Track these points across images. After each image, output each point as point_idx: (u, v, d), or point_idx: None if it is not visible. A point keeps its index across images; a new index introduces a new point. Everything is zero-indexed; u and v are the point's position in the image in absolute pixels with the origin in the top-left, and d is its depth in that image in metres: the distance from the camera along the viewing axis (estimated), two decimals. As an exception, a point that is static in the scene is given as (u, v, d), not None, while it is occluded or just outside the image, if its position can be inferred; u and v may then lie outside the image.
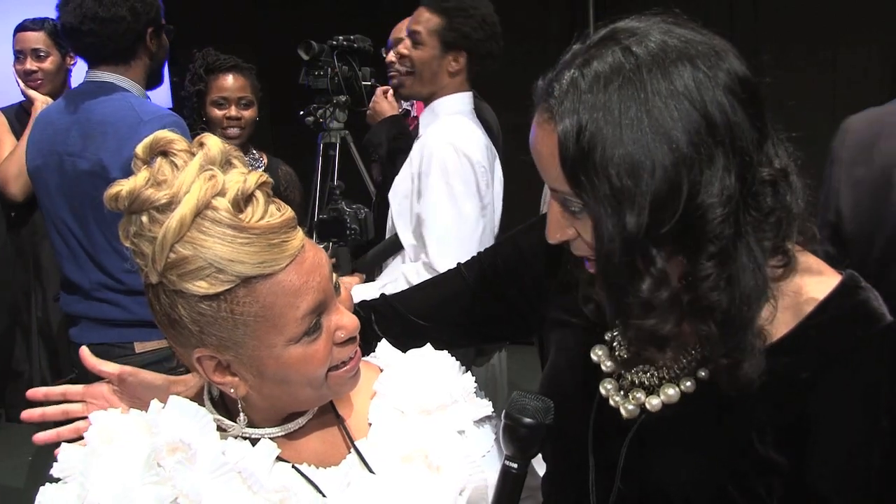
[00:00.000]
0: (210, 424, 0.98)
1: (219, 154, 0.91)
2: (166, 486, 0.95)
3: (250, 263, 0.88)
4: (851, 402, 0.97)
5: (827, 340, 0.97)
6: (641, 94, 0.88)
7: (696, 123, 0.88)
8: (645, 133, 0.87)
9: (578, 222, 0.96)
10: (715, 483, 1.00)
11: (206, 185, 0.88)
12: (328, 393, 1.00)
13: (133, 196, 0.89)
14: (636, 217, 0.88)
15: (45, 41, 3.08)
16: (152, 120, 2.18)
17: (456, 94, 2.43)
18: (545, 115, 0.94)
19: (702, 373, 1.01)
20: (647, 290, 0.91)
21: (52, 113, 2.38)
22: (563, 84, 0.92)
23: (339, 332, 0.96)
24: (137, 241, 0.90)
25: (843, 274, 1.00)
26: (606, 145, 0.88)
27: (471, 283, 1.25)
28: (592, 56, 0.92)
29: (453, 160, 2.26)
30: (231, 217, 0.88)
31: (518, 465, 1.01)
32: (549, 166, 0.94)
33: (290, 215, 0.92)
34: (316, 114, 3.32)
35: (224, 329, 0.91)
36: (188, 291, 0.89)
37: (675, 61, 0.89)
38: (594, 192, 0.89)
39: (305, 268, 0.92)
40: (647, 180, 0.87)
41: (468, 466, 1.03)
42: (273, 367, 0.94)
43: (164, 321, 0.94)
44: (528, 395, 1.04)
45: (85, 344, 2.29)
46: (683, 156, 0.88)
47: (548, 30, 5.56)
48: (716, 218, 0.89)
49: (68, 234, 2.31)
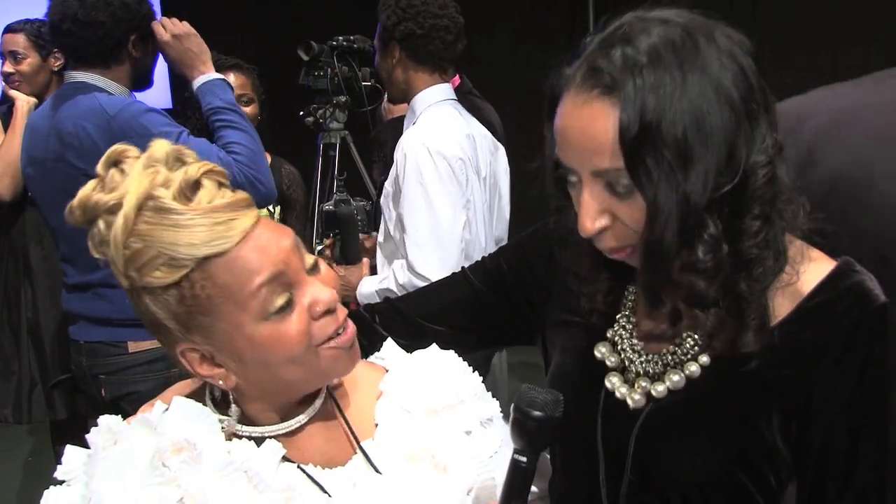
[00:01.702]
0: (215, 424, 0.98)
1: (164, 154, 0.92)
2: (171, 487, 0.94)
3: (198, 244, 0.88)
4: (850, 382, 0.97)
5: (824, 321, 0.98)
6: (698, 58, 0.90)
7: (743, 84, 0.91)
8: (709, 97, 0.89)
9: (620, 205, 0.95)
10: (724, 470, 1.01)
11: (146, 179, 0.89)
12: (322, 373, 0.99)
13: (83, 204, 0.91)
14: (702, 181, 0.90)
15: (23, 43, 3.08)
16: (118, 112, 2.13)
17: (429, 88, 2.43)
18: (594, 94, 0.92)
19: (704, 358, 1.02)
20: (703, 255, 0.93)
21: (36, 119, 2.37)
22: (613, 60, 0.91)
23: (315, 307, 0.95)
24: (103, 249, 0.91)
25: (837, 259, 1.02)
26: (673, 114, 0.88)
27: (476, 287, 1.26)
28: (633, 33, 0.92)
29: (425, 160, 2.26)
30: (175, 204, 0.89)
31: (527, 458, 1.01)
32: (599, 146, 0.92)
33: (241, 196, 0.93)
34: (316, 114, 3.32)
35: (192, 317, 0.92)
36: (150, 285, 0.90)
37: (709, 25, 0.93)
38: (657, 164, 0.89)
39: (261, 244, 0.92)
40: (713, 143, 0.89)
41: (475, 466, 1.03)
42: (249, 350, 0.93)
43: (148, 322, 0.95)
44: (536, 388, 1.04)
45: (82, 342, 2.33)
46: (739, 115, 0.91)
47: (548, 30, 5.56)
48: (761, 178, 0.92)
49: (67, 235, 2.31)
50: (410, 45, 2.40)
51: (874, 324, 0.98)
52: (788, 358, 0.99)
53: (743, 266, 0.95)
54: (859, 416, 0.98)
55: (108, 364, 2.31)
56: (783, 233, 0.98)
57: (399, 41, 2.40)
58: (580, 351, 1.12)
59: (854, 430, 0.99)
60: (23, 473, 3.93)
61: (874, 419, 0.99)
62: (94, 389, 2.36)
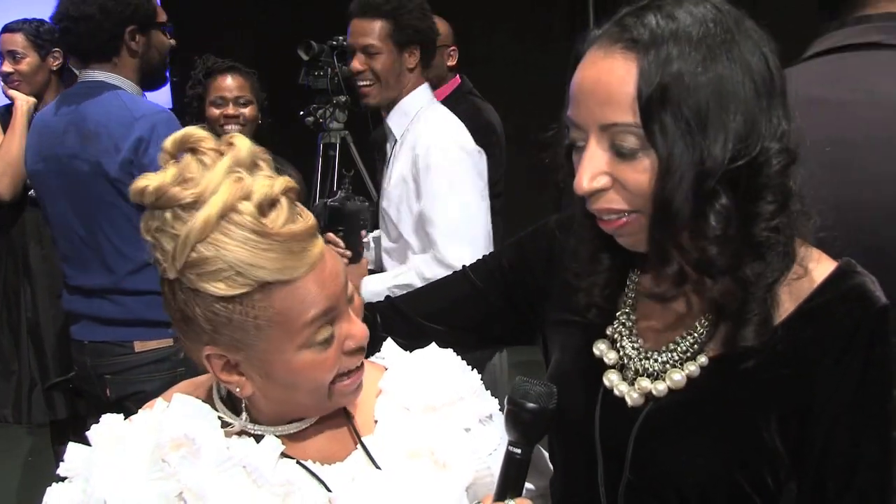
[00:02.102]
0: (215, 421, 0.98)
1: (247, 156, 0.91)
2: (171, 481, 0.95)
3: (270, 269, 0.88)
4: (851, 383, 0.97)
5: (825, 322, 0.98)
6: (728, 36, 0.92)
7: (766, 71, 0.93)
8: (735, 70, 0.91)
9: (622, 167, 0.94)
10: (723, 471, 1.01)
11: (233, 188, 0.87)
12: (329, 403, 1.00)
13: (160, 192, 0.88)
14: (720, 146, 0.90)
15: (21, 43, 3.08)
16: (144, 117, 2.18)
17: (417, 89, 2.45)
18: (618, 46, 0.93)
19: (703, 358, 1.02)
20: (715, 223, 0.93)
21: (47, 116, 2.38)
22: (646, 23, 0.92)
23: (348, 341, 0.97)
24: (159, 237, 0.90)
25: (838, 261, 1.02)
26: (699, 73, 0.90)
27: (477, 286, 1.26)
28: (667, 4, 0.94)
29: (448, 154, 2.29)
30: (255, 221, 0.87)
31: (522, 450, 1.01)
32: (613, 96, 0.92)
33: (312, 223, 0.92)
34: (316, 114, 3.32)
35: (237, 330, 0.91)
36: (205, 291, 0.89)
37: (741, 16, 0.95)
38: (675, 121, 0.90)
39: (324, 277, 0.92)
40: (734, 111, 0.91)
41: (474, 463, 1.04)
42: (282, 371, 0.94)
43: (178, 316, 0.94)
44: (530, 380, 1.04)
45: (85, 341, 2.33)
46: (760, 98, 0.92)
47: (548, 30, 5.56)
48: (775, 166, 0.93)
49: (73, 235, 2.30)
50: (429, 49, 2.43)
51: (875, 325, 0.98)
52: (789, 358, 0.99)
53: (754, 248, 0.95)
54: (860, 417, 0.98)
55: (113, 364, 2.31)
56: (793, 237, 0.98)
57: (425, 43, 2.41)
58: (579, 349, 1.12)
59: (855, 431, 0.99)
60: (23, 473, 3.93)
61: (875, 420, 0.99)
62: (99, 389, 2.36)
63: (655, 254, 1.00)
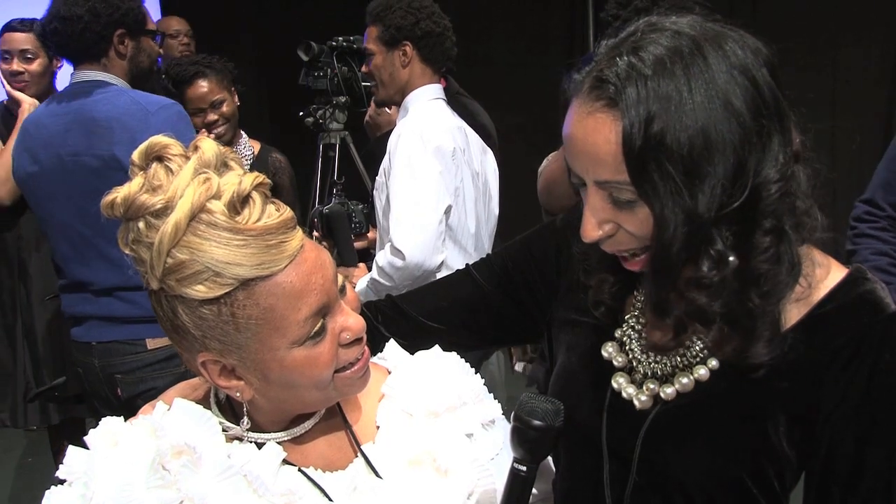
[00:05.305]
0: (216, 427, 0.97)
1: (213, 157, 0.90)
2: (171, 490, 0.94)
3: (248, 265, 0.87)
4: (859, 389, 0.97)
5: (834, 328, 0.98)
6: (706, 72, 0.89)
7: (754, 98, 0.90)
8: (716, 111, 0.88)
9: (623, 214, 0.95)
10: (730, 473, 1.01)
11: (200, 189, 0.87)
12: (335, 395, 0.99)
13: (128, 202, 0.88)
14: (708, 197, 0.89)
15: (33, 42, 3.04)
16: (158, 110, 2.19)
17: (423, 87, 2.53)
18: (598, 105, 0.91)
19: (713, 362, 1.02)
20: (708, 271, 0.92)
21: (41, 116, 2.35)
22: (619, 71, 0.90)
23: (344, 334, 0.96)
24: (136, 248, 0.89)
25: (849, 267, 1.01)
26: (679, 129, 0.87)
27: (481, 285, 1.25)
28: (641, 42, 0.91)
29: (415, 145, 2.35)
30: (227, 220, 0.87)
31: (527, 468, 1.00)
32: (602, 157, 0.92)
33: (288, 215, 0.92)
34: (315, 114, 3.32)
35: (226, 333, 0.90)
36: (188, 296, 0.88)
37: (721, 37, 0.91)
38: (662, 179, 0.88)
39: (306, 268, 0.91)
40: (720, 159, 0.88)
41: (476, 470, 1.03)
42: (277, 371, 0.93)
43: (168, 327, 0.93)
44: (537, 396, 1.03)
45: (93, 342, 2.31)
46: (749, 131, 0.89)
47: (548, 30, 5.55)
48: (773, 194, 0.91)
49: (74, 235, 2.28)
50: (427, 44, 2.49)
51: (884, 332, 0.97)
52: (798, 363, 0.98)
53: (753, 282, 0.95)
54: (867, 423, 0.98)
55: (125, 363, 2.29)
56: (798, 245, 0.97)
57: (416, 40, 2.47)
58: (587, 350, 1.12)
59: (861, 437, 0.98)
60: (22, 475, 3.93)
61: (882, 427, 0.98)
62: (108, 390, 2.33)
63: (654, 308, 1.01)
